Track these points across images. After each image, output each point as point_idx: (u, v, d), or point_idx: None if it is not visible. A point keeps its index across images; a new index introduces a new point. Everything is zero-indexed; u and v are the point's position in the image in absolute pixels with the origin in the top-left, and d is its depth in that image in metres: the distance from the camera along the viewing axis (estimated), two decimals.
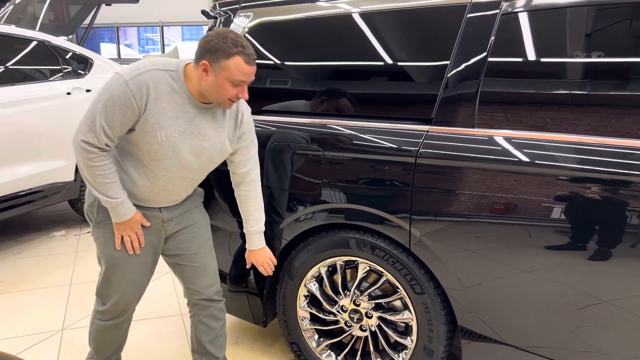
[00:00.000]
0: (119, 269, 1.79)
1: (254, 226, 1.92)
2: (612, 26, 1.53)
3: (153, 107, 1.58)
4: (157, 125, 1.59)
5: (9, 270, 3.44)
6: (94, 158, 1.60)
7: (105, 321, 1.87)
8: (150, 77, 1.58)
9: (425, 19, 1.83)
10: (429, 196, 1.70)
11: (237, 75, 1.56)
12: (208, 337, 1.99)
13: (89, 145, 1.58)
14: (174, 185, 1.75)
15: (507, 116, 1.64)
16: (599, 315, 1.52)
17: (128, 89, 1.54)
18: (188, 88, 1.63)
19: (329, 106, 2.00)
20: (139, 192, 1.73)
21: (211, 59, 1.55)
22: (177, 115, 1.62)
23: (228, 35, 1.55)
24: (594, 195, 1.47)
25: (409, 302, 1.84)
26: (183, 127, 1.64)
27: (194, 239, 1.90)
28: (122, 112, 1.56)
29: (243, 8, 2.24)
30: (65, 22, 5.61)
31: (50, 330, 2.66)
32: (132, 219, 1.72)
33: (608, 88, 1.52)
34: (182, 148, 1.65)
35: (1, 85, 3.51)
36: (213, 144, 1.72)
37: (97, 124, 1.57)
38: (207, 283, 1.93)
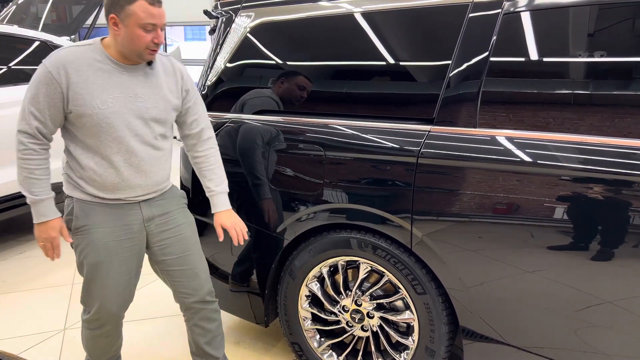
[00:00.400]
0: (98, 276, 1.73)
1: (219, 185, 1.90)
2: (614, 26, 1.53)
3: (77, 78, 1.58)
4: (89, 95, 1.59)
5: (11, 270, 3.45)
6: (23, 150, 1.61)
7: (92, 330, 1.84)
8: (66, 54, 1.60)
9: (426, 19, 1.82)
10: (431, 196, 1.69)
11: (144, 18, 1.56)
12: (205, 339, 1.96)
13: (21, 134, 1.61)
14: (138, 158, 1.69)
15: (509, 116, 1.63)
16: (601, 315, 1.51)
17: (46, 69, 1.58)
18: (110, 54, 1.64)
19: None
20: (106, 180, 1.67)
21: (117, 10, 1.56)
22: (106, 83, 1.62)
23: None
24: (597, 196, 1.46)
25: (410, 302, 1.84)
26: (117, 93, 1.63)
27: (180, 242, 1.84)
28: (45, 92, 1.57)
29: (244, 8, 2.24)
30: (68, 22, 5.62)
31: (52, 330, 2.67)
32: (50, 222, 1.67)
33: (611, 88, 1.51)
34: (123, 113, 1.63)
35: (4, 86, 3.51)
36: (154, 102, 1.70)
37: (26, 109, 1.60)
38: (198, 285, 1.88)
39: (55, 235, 1.70)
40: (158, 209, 1.81)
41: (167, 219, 1.82)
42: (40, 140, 1.63)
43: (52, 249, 1.72)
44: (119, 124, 1.63)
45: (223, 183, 1.91)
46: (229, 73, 2.23)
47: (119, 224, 1.73)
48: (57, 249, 1.72)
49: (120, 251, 1.74)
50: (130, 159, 1.68)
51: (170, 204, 1.85)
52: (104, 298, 1.76)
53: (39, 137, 1.62)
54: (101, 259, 1.72)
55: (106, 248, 1.71)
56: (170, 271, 1.86)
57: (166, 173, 1.81)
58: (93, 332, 1.84)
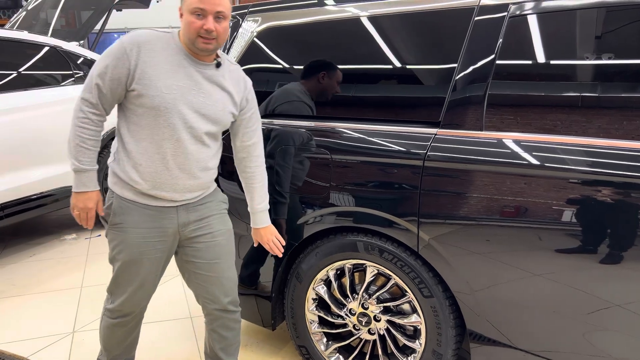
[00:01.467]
0: (129, 273, 1.78)
1: (261, 203, 1.92)
2: (621, 28, 1.52)
3: (148, 58, 1.61)
4: (156, 77, 1.61)
5: (21, 273, 3.48)
6: (82, 117, 1.65)
7: (112, 319, 1.88)
8: (144, 33, 1.64)
9: (432, 22, 1.83)
10: (437, 199, 1.69)
11: (193, 3, 1.58)
12: (220, 345, 1.97)
13: (83, 102, 1.65)
14: (186, 151, 1.68)
15: (516, 119, 1.63)
16: (609, 319, 1.50)
17: (122, 44, 1.61)
18: (182, 46, 1.67)
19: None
20: (151, 168, 1.67)
21: (181, 1, 1.62)
22: (175, 69, 1.64)
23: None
24: (605, 198, 1.46)
25: (417, 305, 1.84)
26: (183, 82, 1.65)
27: (212, 248, 1.84)
28: (114, 65, 1.60)
29: (251, 13, 2.25)
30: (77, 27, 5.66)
31: (62, 332, 2.69)
32: (89, 193, 1.72)
33: (619, 90, 1.51)
34: (183, 102, 1.65)
35: (14, 91, 3.55)
36: (214, 101, 1.71)
37: (92, 80, 1.63)
38: (221, 293, 1.88)
39: (92, 207, 1.73)
40: (195, 214, 1.80)
41: (203, 225, 1.83)
42: (100, 112, 1.67)
43: (86, 219, 1.76)
44: (175, 112, 1.64)
45: (265, 200, 1.93)
46: None
47: (154, 225, 1.75)
48: (91, 220, 1.75)
49: (152, 252, 1.77)
50: (178, 149, 1.68)
51: (210, 209, 1.84)
52: (131, 292, 1.81)
53: (100, 108, 1.66)
54: (133, 258, 1.76)
55: (139, 248, 1.75)
56: (196, 274, 1.87)
57: (211, 173, 1.80)
58: (113, 321, 1.88)
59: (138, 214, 1.73)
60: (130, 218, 1.73)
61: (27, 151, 3.53)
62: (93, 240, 4.11)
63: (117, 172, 1.74)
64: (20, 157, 3.49)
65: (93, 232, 4.30)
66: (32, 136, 3.56)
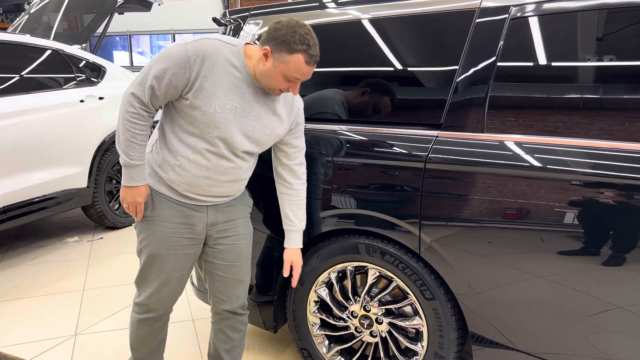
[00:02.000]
0: (155, 266, 1.79)
1: (302, 221, 1.90)
2: (622, 30, 1.52)
3: (209, 73, 1.57)
4: (212, 93, 1.58)
5: (23, 276, 3.48)
6: (133, 114, 1.61)
7: (139, 314, 1.89)
8: (210, 45, 1.58)
9: (433, 25, 1.83)
10: (439, 201, 1.69)
11: (293, 72, 1.55)
12: (225, 346, 1.98)
13: (135, 98, 1.60)
14: (223, 167, 1.70)
15: (517, 121, 1.63)
16: (612, 321, 1.50)
17: (186, 50, 1.55)
18: (247, 65, 1.62)
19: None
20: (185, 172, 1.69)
21: (274, 47, 1.53)
22: (232, 89, 1.61)
23: (298, 30, 1.52)
24: (607, 200, 1.46)
25: (419, 307, 1.83)
26: (237, 102, 1.62)
27: (234, 251, 1.87)
28: (173, 72, 1.55)
29: (252, 16, 2.26)
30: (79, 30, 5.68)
31: (63, 335, 2.69)
32: (138, 188, 1.71)
33: (620, 92, 1.51)
34: (233, 124, 1.63)
35: (16, 94, 3.57)
36: (264, 125, 1.69)
37: (148, 79, 1.58)
38: (235, 296, 1.91)
39: (141, 201, 1.73)
40: (224, 215, 1.82)
41: (229, 227, 1.85)
42: (150, 109, 1.64)
43: (135, 212, 1.76)
44: (223, 131, 1.64)
45: (304, 220, 1.92)
46: None
47: (183, 221, 1.76)
48: (140, 213, 1.75)
49: (179, 247, 1.78)
50: (218, 161, 1.69)
51: (237, 211, 1.87)
52: (156, 288, 1.82)
53: (150, 106, 1.63)
54: (161, 252, 1.77)
55: (167, 242, 1.76)
56: (214, 274, 1.90)
57: (244, 183, 1.83)
58: (140, 317, 1.89)
59: (169, 208, 1.75)
60: (162, 212, 1.75)
61: (30, 154, 3.54)
62: (95, 242, 4.11)
63: (153, 167, 1.75)
64: (22, 159, 3.50)
65: (95, 234, 4.31)
66: (35, 139, 3.57)
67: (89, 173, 4.00)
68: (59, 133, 3.75)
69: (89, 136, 4.01)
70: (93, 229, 4.46)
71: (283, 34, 1.51)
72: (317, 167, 1.94)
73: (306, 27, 1.55)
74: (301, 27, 1.53)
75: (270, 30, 1.55)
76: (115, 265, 3.58)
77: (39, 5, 5.55)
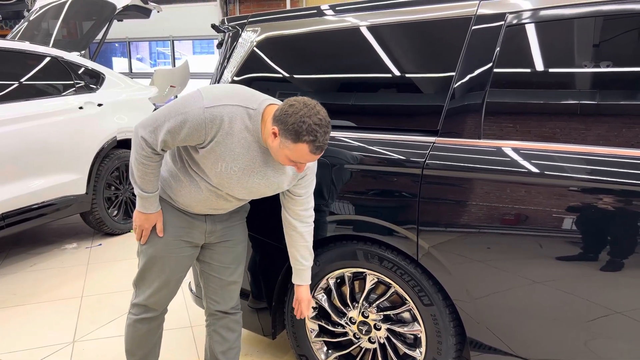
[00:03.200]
0: (156, 268, 1.83)
1: (309, 260, 1.91)
2: (618, 36, 1.53)
3: (222, 139, 1.58)
4: (221, 157, 1.61)
5: (22, 283, 3.48)
6: (145, 156, 1.65)
7: (136, 315, 1.91)
8: (229, 113, 1.57)
9: (430, 32, 1.84)
10: (436, 207, 1.70)
11: (297, 158, 1.54)
12: (221, 347, 2.00)
13: (146, 144, 1.63)
14: (218, 203, 1.77)
15: (514, 127, 1.64)
16: (611, 327, 1.50)
17: (203, 116, 1.55)
18: (262, 130, 1.61)
19: None
20: (184, 196, 1.76)
21: (282, 132, 1.51)
22: (242, 153, 1.62)
23: (307, 120, 1.47)
24: (604, 206, 1.46)
25: (417, 313, 1.83)
26: (245, 164, 1.64)
27: (230, 254, 1.92)
28: (188, 133, 1.57)
29: (251, 23, 2.27)
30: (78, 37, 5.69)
31: (62, 342, 2.68)
32: (152, 214, 1.77)
33: (617, 98, 1.51)
34: (237, 182, 1.67)
35: (15, 101, 3.57)
36: (270, 183, 1.71)
37: (161, 131, 1.60)
38: (229, 297, 1.97)
39: (148, 227, 1.79)
40: (222, 223, 1.89)
41: (227, 232, 1.91)
42: (160, 154, 1.68)
43: (140, 235, 1.82)
44: (225, 184, 1.68)
45: (311, 258, 1.92)
46: None
47: (184, 225, 1.82)
48: (144, 237, 1.81)
49: (178, 250, 1.83)
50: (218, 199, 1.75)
51: (235, 218, 1.93)
52: (156, 288, 1.85)
53: (161, 152, 1.67)
54: (160, 255, 1.81)
55: (166, 245, 1.81)
56: (209, 275, 1.95)
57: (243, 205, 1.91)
58: (136, 317, 1.91)
59: (169, 212, 1.82)
60: (164, 216, 1.80)
61: (28, 161, 3.54)
62: (94, 249, 4.11)
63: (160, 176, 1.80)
64: (21, 166, 3.50)
65: (94, 241, 4.30)
66: (34, 146, 3.57)
67: (88, 180, 4.00)
68: (58, 140, 3.76)
69: (88, 143, 4.01)
70: (92, 235, 4.45)
71: (292, 122, 1.48)
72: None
73: (319, 114, 1.50)
74: (313, 115, 1.49)
75: (282, 112, 1.51)
76: (114, 272, 3.57)
77: (38, 12, 5.56)
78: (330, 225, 1.95)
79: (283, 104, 1.54)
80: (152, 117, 1.64)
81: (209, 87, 1.65)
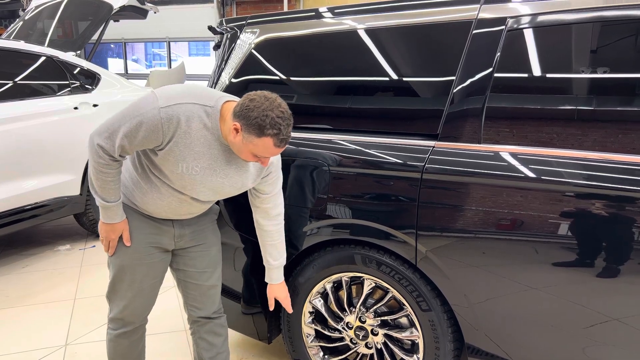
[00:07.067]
0: (127, 277, 1.79)
1: (278, 259, 1.90)
2: (617, 42, 1.53)
3: (180, 139, 1.56)
4: (181, 157, 1.58)
5: (14, 284, 3.44)
6: (103, 164, 1.61)
7: (115, 330, 1.87)
8: (185, 111, 1.54)
9: (431, 35, 1.84)
10: (435, 212, 1.69)
11: (262, 152, 1.53)
12: (209, 354, 1.96)
13: (103, 151, 1.59)
14: (183, 208, 1.74)
15: (513, 132, 1.63)
16: (608, 333, 1.49)
17: (159, 116, 1.52)
18: (221, 127, 1.59)
19: None
20: (148, 203, 1.73)
21: (245, 127, 1.49)
22: (203, 151, 1.60)
23: (269, 114, 1.46)
24: (601, 212, 1.46)
25: (415, 319, 1.82)
26: (207, 164, 1.62)
27: (204, 258, 1.89)
28: (145, 135, 1.54)
29: (249, 24, 2.26)
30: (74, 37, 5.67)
31: (54, 345, 2.65)
32: (117, 224, 1.73)
33: (614, 104, 1.51)
34: (200, 182, 1.64)
35: (10, 100, 3.54)
36: (234, 182, 1.69)
37: (117, 136, 1.56)
38: (209, 302, 1.93)
39: (115, 237, 1.75)
40: (190, 227, 1.85)
41: (197, 235, 1.87)
42: (119, 160, 1.64)
43: (107, 246, 1.78)
44: (188, 187, 1.66)
45: (282, 257, 1.91)
46: (233, 88, 2.24)
47: (151, 232, 1.79)
48: (112, 248, 1.78)
49: (148, 257, 1.79)
50: (182, 202, 1.73)
51: (204, 221, 1.89)
52: (129, 299, 1.81)
53: (119, 159, 1.63)
54: (129, 264, 1.78)
55: (135, 253, 1.77)
56: (187, 282, 1.91)
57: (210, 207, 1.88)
58: (116, 332, 1.87)
59: (136, 219, 1.77)
60: (130, 223, 1.77)
61: (22, 161, 3.51)
62: (87, 251, 4.07)
63: (122, 183, 1.76)
64: (14, 167, 3.46)
65: (87, 243, 4.26)
66: (28, 146, 3.54)
67: (82, 181, 3.97)
68: (52, 140, 3.73)
69: (83, 143, 3.97)
70: (85, 237, 4.41)
71: (254, 117, 1.46)
72: (313, 176, 1.93)
73: (281, 107, 1.50)
74: (275, 108, 1.48)
75: (243, 107, 1.49)
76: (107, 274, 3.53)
77: (33, 11, 5.53)
78: (327, 229, 1.93)
79: (242, 99, 1.53)
80: (107, 123, 1.60)
81: (163, 88, 1.62)
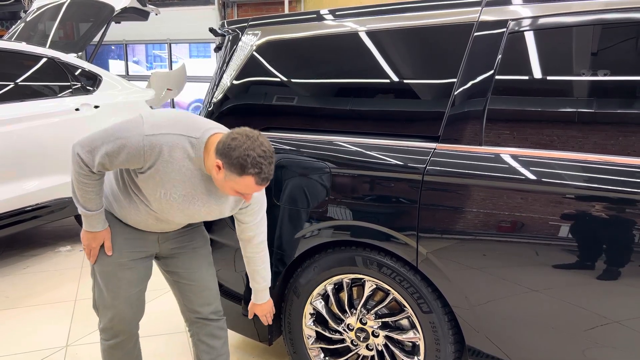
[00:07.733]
0: (112, 284, 1.77)
1: (261, 283, 1.93)
2: (618, 45, 1.53)
3: (162, 167, 1.56)
4: (160, 183, 1.59)
5: (15, 286, 3.44)
6: (84, 175, 1.62)
7: (107, 341, 1.85)
8: (168, 142, 1.55)
9: (432, 38, 1.84)
10: (436, 214, 1.69)
11: (243, 190, 1.53)
12: (209, 356, 1.96)
13: (83, 163, 1.60)
14: (159, 225, 1.77)
15: (514, 134, 1.63)
16: (609, 335, 1.49)
17: (142, 143, 1.53)
18: (204, 159, 1.58)
19: None
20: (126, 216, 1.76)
21: (226, 165, 1.49)
22: (184, 180, 1.60)
23: (251, 153, 1.46)
24: (602, 214, 1.46)
25: (416, 321, 1.82)
26: (186, 192, 1.62)
27: (194, 258, 1.90)
28: (126, 158, 1.56)
29: (251, 26, 2.26)
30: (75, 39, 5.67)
31: (55, 346, 2.65)
32: (99, 232, 1.73)
33: (615, 106, 1.51)
34: (177, 208, 1.65)
35: (11, 102, 3.55)
36: (210, 210, 1.70)
37: (98, 153, 1.57)
38: (205, 302, 1.92)
39: (96, 246, 1.75)
40: (174, 231, 1.86)
41: (182, 236, 1.88)
42: (100, 173, 1.65)
43: (89, 254, 1.78)
44: (166, 210, 1.67)
45: (266, 280, 1.94)
46: (235, 90, 2.24)
47: (133, 236, 1.80)
48: (93, 257, 1.78)
49: (131, 263, 1.79)
50: (158, 221, 1.75)
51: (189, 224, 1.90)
52: (117, 307, 1.80)
53: (98, 173, 1.64)
54: (113, 271, 1.78)
55: (119, 259, 1.77)
56: (180, 283, 1.91)
57: None
58: (108, 343, 1.86)
59: (119, 224, 1.78)
60: (112, 229, 1.77)
61: (23, 162, 3.52)
62: None
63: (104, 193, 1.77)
64: (15, 168, 3.47)
65: None
66: (29, 147, 3.54)
67: None
68: (54, 141, 3.73)
69: None
70: None
71: (236, 156, 1.46)
72: (314, 177, 1.94)
73: (263, 146, 1.49)
74: (256, 147, 1.47)
75: (225, 146, 1.48)
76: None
77: (35, 13, 5.54)
78: (328, 231, 1.93)
79: (225, 136, 1.52)
80: (90, 138, 1.61)
81: (152, 112, 1.63)
